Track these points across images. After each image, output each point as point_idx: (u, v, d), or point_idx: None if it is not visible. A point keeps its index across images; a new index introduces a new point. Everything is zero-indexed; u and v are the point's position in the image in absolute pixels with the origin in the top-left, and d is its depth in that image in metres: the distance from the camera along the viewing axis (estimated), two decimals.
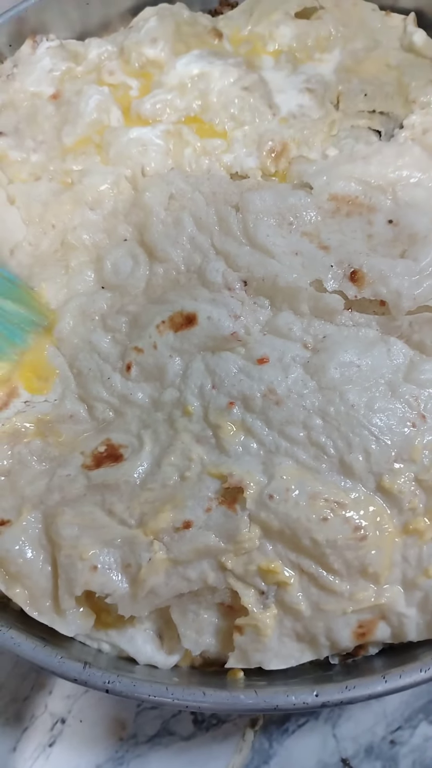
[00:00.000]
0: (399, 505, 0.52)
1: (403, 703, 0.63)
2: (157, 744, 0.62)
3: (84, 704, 0.64)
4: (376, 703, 0.63)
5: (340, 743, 0.62)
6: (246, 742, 0.62)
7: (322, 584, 0.50)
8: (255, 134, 0.69)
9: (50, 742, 0.63)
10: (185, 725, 0.63)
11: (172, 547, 0.51)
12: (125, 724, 0.63)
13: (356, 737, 0.62)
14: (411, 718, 0.63)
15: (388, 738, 0.62)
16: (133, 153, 0.68)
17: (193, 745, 0.62)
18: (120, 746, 0.62)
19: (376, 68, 0.72)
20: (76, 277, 0.64)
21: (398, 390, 0.55)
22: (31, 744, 0.63)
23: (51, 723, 0.64)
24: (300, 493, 0.51)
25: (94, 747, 0.63)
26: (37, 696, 0.65)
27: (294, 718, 0.63)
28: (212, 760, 0.62)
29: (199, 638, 0.52)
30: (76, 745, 0.63)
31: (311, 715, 0.63)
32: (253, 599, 0.51)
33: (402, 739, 0.62)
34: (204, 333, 0.58)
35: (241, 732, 0.62)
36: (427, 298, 0.59)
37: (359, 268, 0.60)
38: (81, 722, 0.63)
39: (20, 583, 0.52)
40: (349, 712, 0.63)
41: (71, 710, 0.64)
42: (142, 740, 0.63)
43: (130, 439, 0.57)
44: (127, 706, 0.64)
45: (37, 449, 0.57)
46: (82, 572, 0.50)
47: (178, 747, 0.62)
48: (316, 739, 0.62)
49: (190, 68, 0.70)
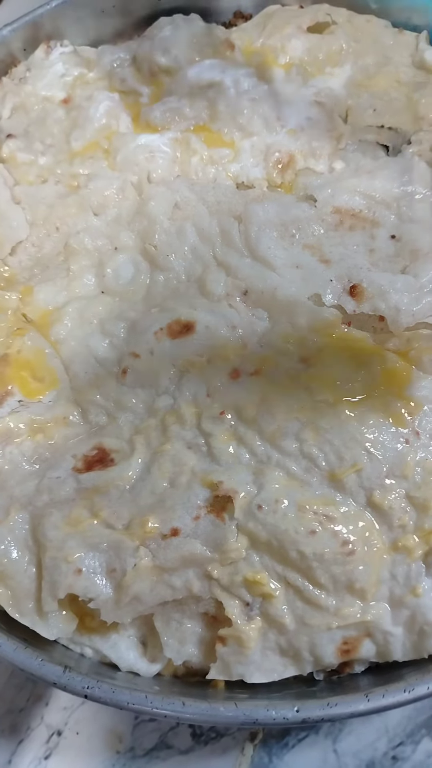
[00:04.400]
0: (389, 522, 0.51)
1: (405, 718, 0.62)
2: (154, 758, 0.61)
3: (81, 716, 0.63)
4: (377, 718, 0.62)
5: (341, 759, 0.61)
6: (245, 757, 0.61)
7: (308, 598, 0.50)
8: (262, 145, 0.69)
9: (46, 754, 0.62)
10: (183, 739, 0.62)
11: (159, 554, 0.51)
12: (122, 737, 0.62)
13: (357, 753, 0.61)
14: (413, 733, 0.61)
15: (390, 754, 0.60)
16: (140, 159, 0.68)
17: (191, 758, 0.61)
18: (117, 759, 0.61)
19: (386, 84, 0.72)
20: (77, 281, 0.64)
21: (393, 406, 0.55)
22: (26, 756, 0.62)
23: (47, 735, 0.63)
24: (289, 505, 0.51)
25: (90, 760, 0.62)
26: (33, 707, 0.64)
27: (294, 732, 0.61)
28: None
29: (181, 647, 0.52)
30: (72, 758, 0.62)
31: (311, 730, 0.61)
32: (238, 610, 0.50)
33: (404, 755, 0.61)
34: (201, 341, 0.58)
35: (240, 746, 0.61)
36: (425, 314, 0.59)
37: (359, 282, 0.60)
38: (77, 734, 0.62)
39: (3, 583, 0.52)
40: (350, 727, 0.62)
41: (68, 722, 0.63)
42: (139, 753, 0.61)
43: (121, 444, 0.57)
44: (124, 719, 0.63)
45: (29, 450, 0.57)
46: (66, 575, 0.50)
47: (176, 761, 0.61)
48: (316, 754, 0.61)
49: (201, 78, 0.71)
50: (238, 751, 0.61)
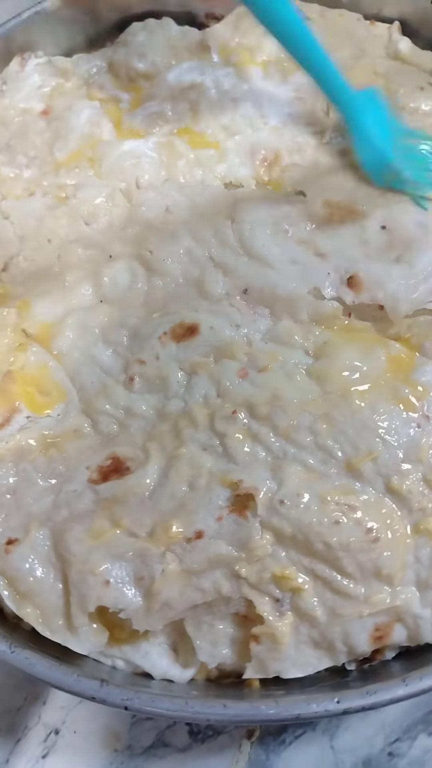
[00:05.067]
0: (409, 506, 0.52)
1: (401, 714, 0.62)
2: (152, 756, 0.61)
3: (78, 715, 0.63)
4: (374, 714, 0.62)
5: (338, 755, 0.61)
6: (242, 754, 0.61)
7: (337, 588, 0.50)
8: (247, 144, 0.69)
9: (44, 753, 0.62)
10: (181, 737, 0.62)
11: (185, 558, 0.50)
12: (120, 736, 0.62)
13: (354, 749, 0.61)
14: (410, 729, 0.62)
15: (387, 750, 0.61)
16: (126, 166, 0.68)
17: (188, 756, 0.61)
18: (114, 758, 0.61)
19: (363, 76, 0.72)
20: (74, 292, 0.64)
21: (401, 392, 0.55)
22: (24, 756, 0.62)
23: (44, 734, 0.63)
24: (311, 498, 0.51)
25: (88, 758, 0.62)
26: (30, 707, 0.64)
27: (291, 729, 0.62)
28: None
29: (214, 650, 0.52)
30: (69, 757, 0.62)
31: (308, 726, 0.62)
32: (269, 607, 0.50)
33: (401, 751, 0.61)
34: (206, 343, 0.58)
35: (238, 743, 0.61)
36: (423, 301, 0.60)
37: (356, 273, 0.61)
38: (75, 733, 0.62)
39: (31, 602, 0.51)
40: (347, 723, 0.62)
41: (65, 721, 0.63)
42: (137, 752, 0.62)
43: (135, 452, 0.56)
44: (121, 717, 0.63)
45: (42, 466, 0.57)
46: (94, 588, 0.50)
47: (174, 759, 0.61)
48: (313, 751, 0.61)
49: (181, 80, 0.71)
50: (235, 748, 0.61)
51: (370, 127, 0.65)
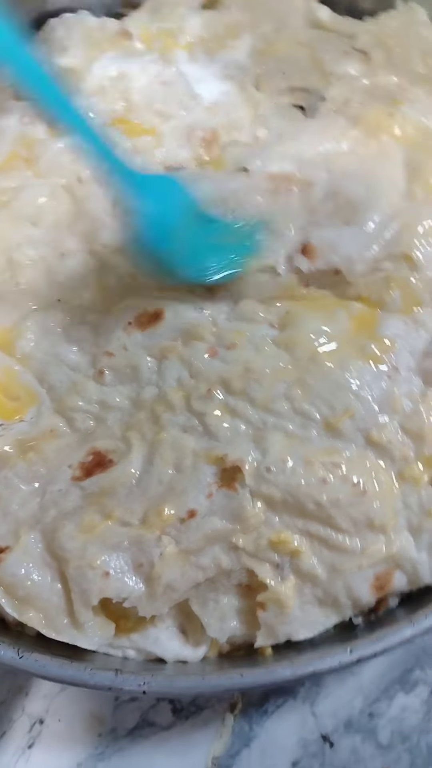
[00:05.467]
0: (391, 456, 0.53)
1: (379, 675, 0.65)
2: (137, 736, 0.62)
3: (61, 703, 0.63)
4: (352, 678, 0.64)
5: (319, 720, 0.63)
6: (226, 727, 0.62)
7: (334, 545, 0.51)
8: (183, 126, 0.69)
9: (29, 744, 0.62)
10: (164, 715, 0.63)
11: (181, 539, 0.51)
12: (104, 719, 0.62)
13: (335, 713, 0.63)
14: (388, 689, 0.64)
15: (367, 711, 0.63)
16: (64, 162, 0.67)
17: (173, 734, 0.62)
18: (100, 742, 0.62)
19: (288, 47, 0.74)
20: (29, 294, 0.63)
21: (368, 348, 0.57)
22: (9, 748, 0.62)
23: (29, 725, 0.63)
24: (295, 462, 0.52)
25: (74, 745, 0.62)
26: (13, 699, 0.63)
27: (273, 699, 0.63)
28: (193, 747, 0.62)
29: (223, 624, 0.52)
30: (55, 745, 0.62)
31: (289, 695, 0.64)
32: (270, 573, 0.51)
33: (380, 710, 0.63)
34: (172, 327, 0.58)
35: (221, 717, 0.62)
36: (377, 258, 0.62)
37: (309, 242, 0.61)
38: (59, 721, 0.63)
39: (32, 606, 0.50)
40: (326, 689, 0.64)
41: (48, 710, 0.63)
42: (121, 734, 0.62)
43: (116, 444, 0.56)
44: (105, 701, 0.63)
45: (23, 471, 0.56)
46: (94, 581, 0.50)
47: (159, 737, 0.62)
48: (295, 718, 0.63)
49: (107, 71, 0.70)
50: (218, 722, 0.62)
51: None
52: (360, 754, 0.62)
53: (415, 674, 0.65)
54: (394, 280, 0.59)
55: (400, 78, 0.71)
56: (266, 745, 0.62)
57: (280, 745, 0.62)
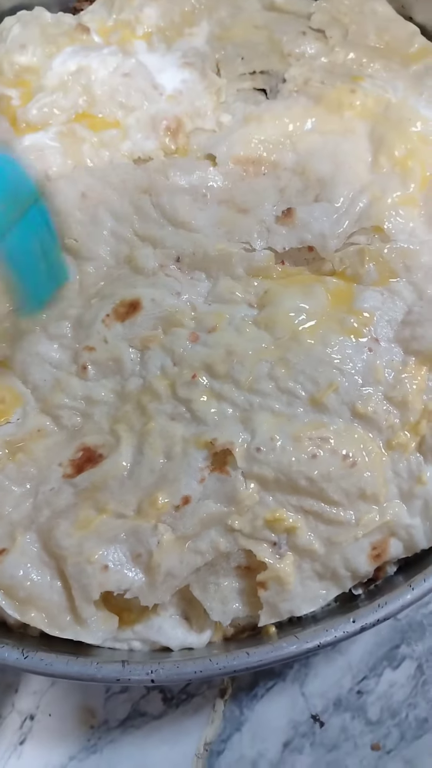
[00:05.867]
0: (377, 426, 0.54)
1: (366, 654, 0.66)
2: (129, 727, 0.63)
3: (51, 698, 0.64)
4: (340, 657, 0.66)
5: (309, 700, 0.64)
6: (217, 713, 0.63)
7: (328, 518, 0.52)
8: (147, 117, 0.69)
9: (21, 740, 0.62)
10: (155, 704, 0.63)
11: (177, 525, 0.51)
12: (95, 712, 0.63)
13: (324, 692, 0.65)
14: (375, 666, 0.66)
15: (355, 689, 0.65)
16: (31, 160, 0.66)
17: (164, 722, 0.63)
18: (92, 734, 0.62)
19: (245, 32, 0.73)
20: (4, 296, 0.62)
21: (347, 322, 0.57)
22: (1, 745, 0.62)
23: (20, 721, 0.63)
24: (284, 439, 0.52)
25: (65, 739, 0.62)
26: (3, 696, 0.64)
27: (262, 683, 0.64)
28: (185, 734, 0.63)
29: (225, 607, 0.52)
30: (47, 740, 0.62)
31: (279, 678, 0.64)
32: (268, 552, 0.51)
33: (368, 688, 0.65)
34: (151, 315, 0.58)
35: (211, 704, 0.63)
36: (349, 232, 0.62)
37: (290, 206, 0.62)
38: (50, 716, 0.63)
39: (34, 606, 0.50)
40: (315, 670, 0.65)
41: (39, 705, 0.63)
42: (113, 725, 0.63)
43: (105, 438, 0.56)
44: (95, 694, 0.64)
45: (13, 472, 0.55)
46: (94, 576, 0.49)
47: (150, 727, 0.63)
48: (285, 700, 0.64)
49: (67, 66, 0.70)
50: (209, 708, 0.63)
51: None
52: (350, 731, 0.63)
53: (401, 650, 0.67)
54: (367, 253, 0.59)
55: (357, 54, 0.71)
56: (257, 728, 0.63)
57: (270, 727, 0.63)
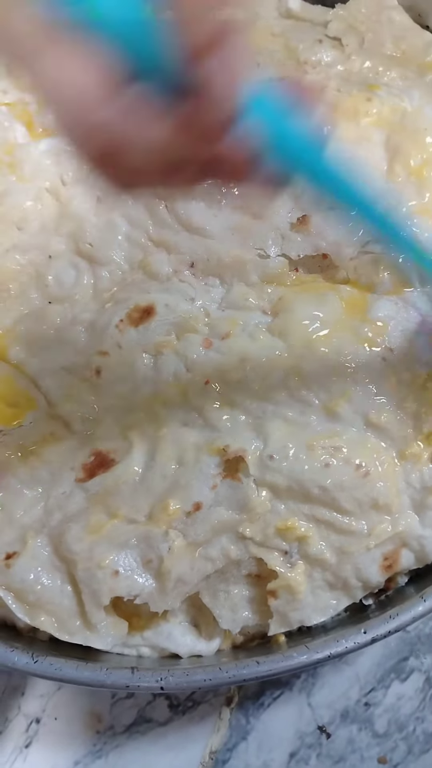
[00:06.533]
0: (390, 436, 0.54)
1: (375, 665, 0.65)
2: (134, 732, 0.62)
3: (58, 702, 0.63)
4: (347, 668, 0.65)
5: (316, 711, 0.63)
6: (223, 721, 0.62)
7: (340, 528, 0.51)
8: None
9: (26, 743, 0.62)
10: (161, 711, 0.63)
11: (189, 532, 0.51)
12: (101, 717, 0.63)
13: (331, 704, 0.64)
14: (383, 678, 0.65)
15: (363, 701, 0.64)
16: (47, 165, 0.67)
17: (170, 729, 0.62)
18: (98, 739, 0.62)
19: (262, 39, 0.73)
20: (20, 299, 0.63)
21: (361, 331, 0.57)
22: (6, 748, 0.62)
23: (26, 724, 0.63)
24: (297, 448, 0.52)
25: (71, 743, 0.62)
26: (9, 699, 0.64)
27: (269, 692, 0.64)
28: (191, 742, 0.62)
29: (235, 615, 0.52)
30: (52, 744, 0.62)
31: (285, 687, 0.64)
32: (279, 561, 0.51)
33: (376, 700, 0.64)
34: (165, 321, 0.58)
35: (217, 711, 0.63)
36: (364, 241, 0.62)
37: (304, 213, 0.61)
38: (56, 720, 0.63)
39: (43, 610, 0.50)
40: (322, 680, 0.64)
41: (45, 709, 0.63)
42: (119, 731, 0.62)
43: (117, 443, 0.56)
44: (101, 699, 0.63)
45: (25, 476, 0.55)
46: (104, 581, 0.49)
47: (156, 733, 0.62)
48: (291, 710, 0.63)
49: None
50: (215, 716, 0.63)
51: None
52: (357, 743, 0.63)
53: (409, 662, 0.66)
54: (382, 262, 0.59)
55: (373, 62, 0.71)
56: (263, 737, 0.62)
57: (277, 737, 0.63)
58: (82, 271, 0.63)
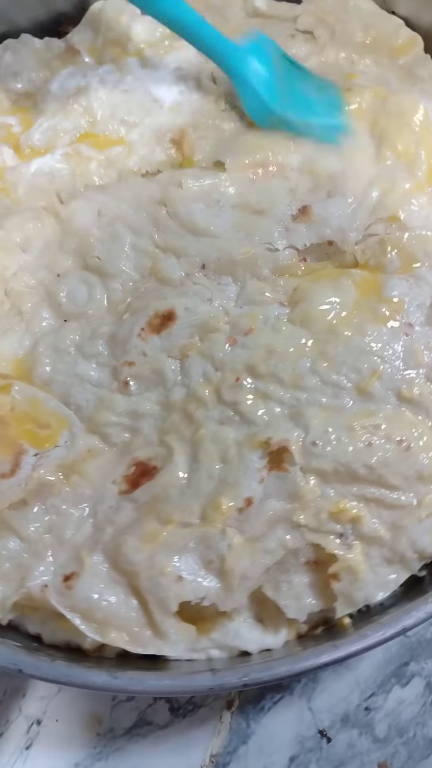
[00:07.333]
0: (425, 408, 0.55)
1: (375, 670, 0.66)
2: (135, 735, 0.63)
3: (58, 704, 0.64)
4: (348, 672, 0.66)
5: (316, 715, 0.64)
6: (223, 725, 0.63)
7: (390, 504, 0.52)
8: (150, 131, 0.69)
9: (27, 744, 0.62)
10: (162, 714, 0.63)
11: (244, 528, 0.51)
12: (101, 719, 0.63)
13: (331, 708, 0.65)
14: (384, 683, 0.66)
15: (363, 705, 0.65)
16: (41, 184, 0.66)
17: (170, 732, 0.63)
18: (98, 741, 0.63)
19: (234, 39, 0.74)
20: (34, 320, 0.62)
21: (379, 310, 0.58)
22: (7, 749, 0.62)
23: (26, 726, 0.63)
24: (338, 431, 0.53)
25: (71, 745, 0.62)
26: (10, 701, 0.64)
27: (269, 696, 0.64)
28: (191, 745, 0.63)
29: (300, 604, 0.52)
30: (53, 745, 0.63)
31: (286, 691, 0.65)
32: (336, 544, 0.52)
33: (376, 704, 0.65)
34: (186, 324, 0.59)
35: (218, 715, 0.63)
36: (366, 224, 0.63)
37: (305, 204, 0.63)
38: (57, 722, 0.63)
39: (112, 626, 0.50)
40: (323, 684, 0.66)
41: (46, 711, 0.63)
42: (119, 733, 0.63)
43: (156, 450, 0.56)
44: (102, 701, 0.64)
45: (69, 495, 0.55)
46: (169, 588, 0.49)
47: (156, 736, 0.63)
48: (292, 714, 0.64)
49: (65, 89, 0.70)
50: (216, 720, 0.63)
51: (250, 76, 0.67)
52: (357, 748, 0.63)
53: (410, 667, 0.67)
54: (389, 241, 0.61)
55: (347, 52, 0.73)
56: (264, 741, 0.63)
57: (277, 742, 0.63)
58: (93, 285, 0.62)
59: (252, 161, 0.67)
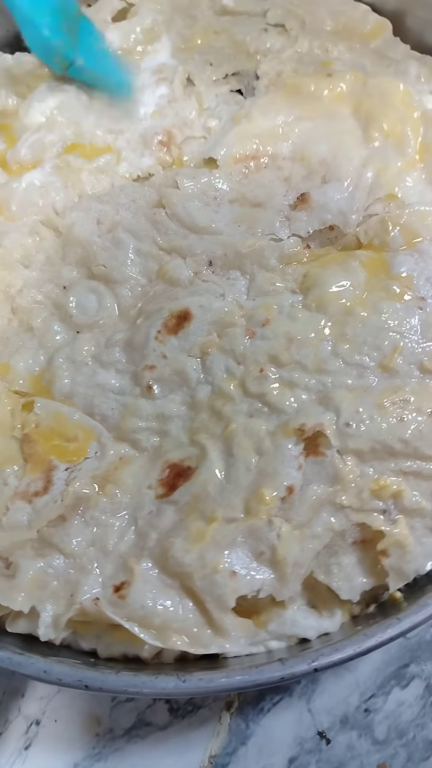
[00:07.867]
0: None
1: (375, 671, 0.67)
2: (134, 736, 0.63)
3: (58, 704, 0.63)
4: (348, 674, 0.66)
5: (316, 717, 0.64)
6: (222, 726, 0.63)
7: (428, 474, 0.53)
8: (137, 136, 0.69)
9: (26, 745, 0.62)
10: (161, 715, 0.63)
11: (290, 516, 0.51)
12: (100, 720, 0.63)
13: (331, 709, 0.65)
14: (383, 685, 0.66)
15: (363, 707, 0.65)
16: (34, 199, 0.66)
17: (170, 733, 0.63)
18: (97, 742, 0.62)
19: (206, 39, 0.75)
20: (47, 335, 0.61)
21: (390, 288, 0.59)
22: (6, 749, 0.62)
23: (26, 726, 0.63)
24: (369, 410, 0.53)
25: (70, 745, 0.62)
26: (10, 701, 0.63)
27: (269, 697, 0.65)
28: (190, 746, 0.63)
29: (352, 584, 0.53)
30: (52, 746, 0.62)
31: (285, 692, 0.65)
32: (381, 520, 0.52)
33: (376, 706, 0.65)
34: (203, 322, 0.59)
35: (217, 716, 0.63)
36: (365, 205, 0.64)
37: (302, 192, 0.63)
38: (56, 722, 0.63)
39: (172, 631, 0.49)
40: (322, 686, 0.66)
41: (45, 711, 0.63)
42: (118, 734, 0.63)
43: (188, 451, 0.55)
44: (101, 702, 0.63)
45: (107, 506, 0.54)
46: (225, 584, 0.49)
47: (155, 737, 0.63)
48: (291, 716, 0.64)
49: (47, 103, 0.69)
50: (215, 721, 0.63)
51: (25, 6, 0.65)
52: (356, 749, 0.63)
53: (410, 669, 0.67)
54: (390, 219, 0.62)
55: (320, 41, 0.74)
56: (263, 742, 0.63)
57: (276, 743, 0.63)
58: (101, 294, 0.62)
59: (242, 155, 0.68)
